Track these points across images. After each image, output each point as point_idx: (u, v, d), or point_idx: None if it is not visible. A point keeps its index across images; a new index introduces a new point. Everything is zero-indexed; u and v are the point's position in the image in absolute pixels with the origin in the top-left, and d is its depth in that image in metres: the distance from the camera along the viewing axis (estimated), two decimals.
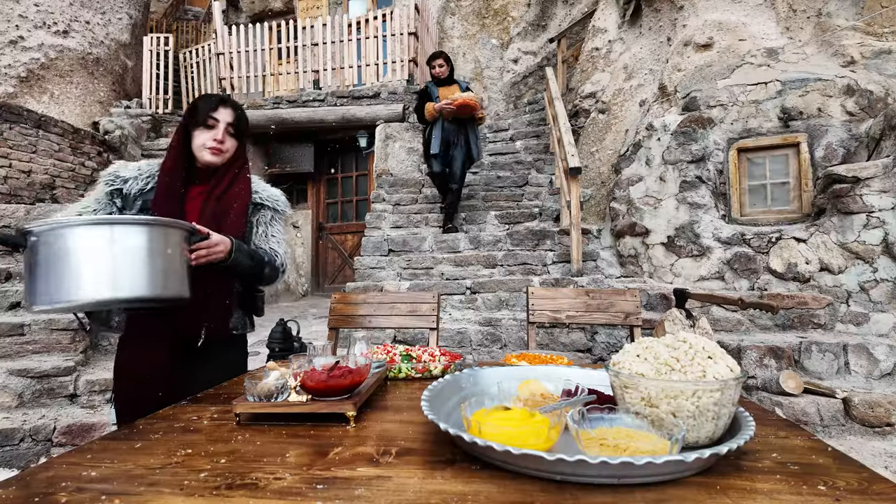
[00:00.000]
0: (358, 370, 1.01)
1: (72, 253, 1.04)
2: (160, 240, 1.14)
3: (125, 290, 1.08)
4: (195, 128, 1.44)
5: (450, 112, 4.43)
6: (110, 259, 1.06)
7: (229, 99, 1.50)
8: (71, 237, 1.05)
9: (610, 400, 0.90)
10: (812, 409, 2.76)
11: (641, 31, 5.69)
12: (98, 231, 1.07)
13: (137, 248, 1.09)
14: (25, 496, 0.65)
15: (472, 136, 4.66)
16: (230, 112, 1.47)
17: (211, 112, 1.44)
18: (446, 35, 9.19)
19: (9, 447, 2.75)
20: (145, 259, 1.10)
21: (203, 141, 1.43)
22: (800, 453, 0.78)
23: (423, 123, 4.76)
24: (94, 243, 1.06)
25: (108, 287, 1.06)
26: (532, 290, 2.22)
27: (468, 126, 4.63)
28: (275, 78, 7.23)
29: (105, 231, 1.07)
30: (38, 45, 6.70)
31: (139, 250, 1.09)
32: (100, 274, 1.05)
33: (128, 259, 1.08)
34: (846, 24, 4.28)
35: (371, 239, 4.99)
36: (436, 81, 4.68)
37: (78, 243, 1.04)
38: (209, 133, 1.44)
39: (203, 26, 11.40)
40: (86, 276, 1.04)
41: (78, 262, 1.04)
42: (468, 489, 0.65)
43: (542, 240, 4.61)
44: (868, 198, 3.52)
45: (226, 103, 1.48)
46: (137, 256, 1.09)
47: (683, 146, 4.42)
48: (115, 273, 1.07)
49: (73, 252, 1.04)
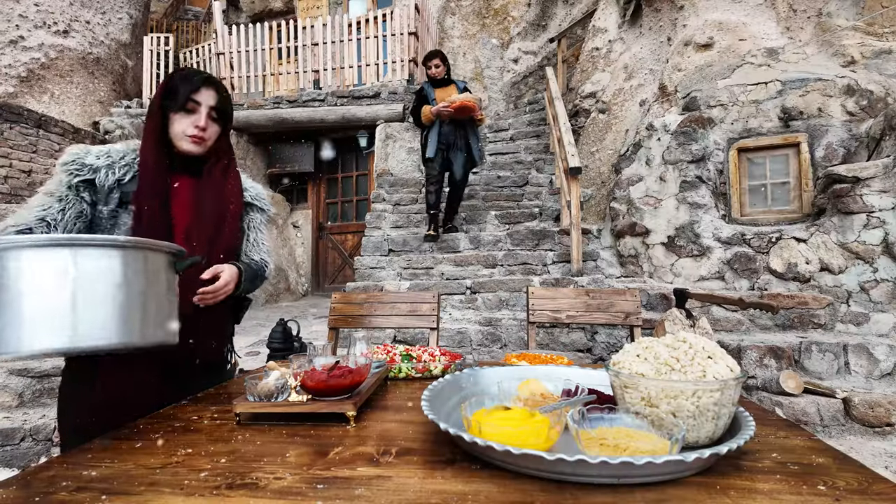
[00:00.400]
0: (358, 370, 1.01)
1: (16, 285, 0.79)
2: (138, 267, 0.89)
3: (89, 338, 0.82)
4: (173, 111, 1.23)
5: (447, 115, 4.26)
6: (69, 294, 0.80)
7: (213, 78, 1.29)
8: (14, 264, 0.79)
9: (610, 400, 0.90)
10: (812, 409, 2.76)
11: (642, 30, 5.69)
12: (52, 255, 0.81)
13: (106, 278, 0.84)
14: (26, 496, 0.65)
15: (473, 138, 4.47)
16: (213, 94, 1.26)
17: (192, 94, 1.23)
18: (446, 35, 9.19)
19: (9, 447, 2.75)
20: (117, 294, 0.84)
21: (182, 128, 1.23)
22: (800, 453, 0.78)
23: (419, 127, 4.56)
24: (46, 273, 0.80)
25: (66, 333, 0.80)
26: (532, 290, 2.22)
27: (468, 128, 4.45)
28: (275, 78, 7.23)
29: (62, 256, 0.81)
30: (39, 45, 6.70)
31: (108, 282, 0.84)
32: (55, 315, 0.79)
33: (93, 294, 0.82)
34: (846, 24, 4.28)
35: (371, 239, 4.99)
36: (432, 82, 4.50)
37: (24, 273, 0.79)
38: (189, 118, 1.23)
39: (203, 26, 11.41)
40: (36, 317, 0.79)
41: (24, 298, 0.78)
42: (468, 489, 0.65)
43: (542, 240, 4.61)
44: (868, 198, 3.51)
45: (209, 83, 1.26)
46: (106, 291, 0.84)
47: (684, 146, 4.42)
48: (75, 314, 0.80)
49: (18, 284, 0.79)
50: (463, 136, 4.45)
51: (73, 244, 0.83)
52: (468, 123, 4.44)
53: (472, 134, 4.48)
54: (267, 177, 7.57)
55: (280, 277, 7.05)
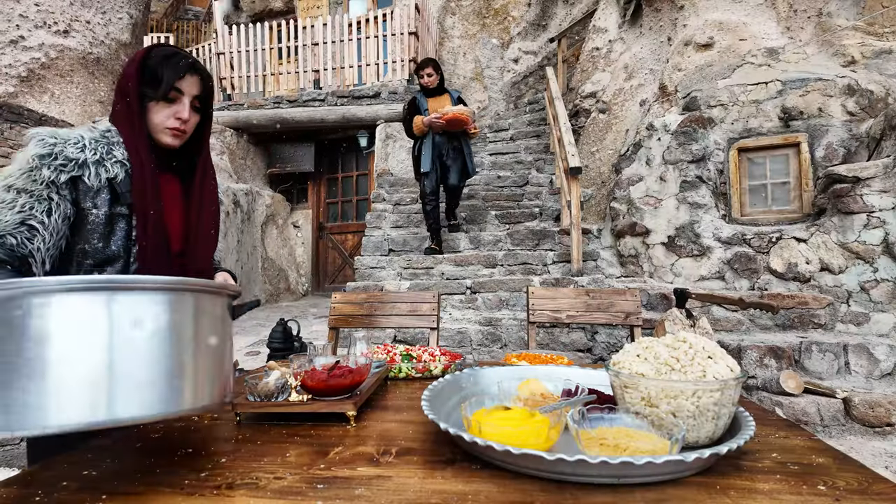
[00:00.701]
0: (358, 370, 1.01)
1: (39, 343, 0.59)
2: (193, 315, 0.71)
3: (129, 409, 0.63)
4: (153, 100, 1.09)
5: (439, 126, 4.11)
6: (108, 355, 0.62)
7: (198, 64, 1.15)
8: (38, 314, 0.60)
9: (610, 400, 0.90)
10: (812, 409, 2.76)
11: (642, 30, 5.69)
12: (87, 303, 0.62)
13: (155, 332, 0.66)
14: (26, 495, 0.65)
15: (466, 149, 4.33)
16: (198, 81, 1.13)
17: (177, 82, 1.09)
18: (447, 35, 9.19)
19: (10, 446, 2.75)
20: (168, 352, 0.67)
21: (162, 119, 1.10)
22: (800, 453, 0.78)
23: (411, 138, 4.39)
24: (79, 327, 0.61)
25: (103, 405, 0.61)
26: (532, 290, 2.22)
27: (461, 139, 4.30)
28: (275, 78, 7.23)
29: (99, 303, 0.62)
30: (39, 45, 6.70)
31: (157, 337, 0.66)
32: (89, 383, 0.61)
33: (137, 353, 0.64)
34: (847, 23, 4.28)
35: (371, 238, 5.00)
36: (425, 92, 4.31)
37: (52, 326, 0.60)
38: (170, 109, 1.10)
39: (203, 26, 11.41)
40: (66, 386, 0.60)
41: (51, 360, 0.60)
42: (468, 489, 0.65)
43: (542, 239, 4.61)
44: (868, 198, 3.51)
45: (194, 70, 1.12)
46: (155, 348, 0.66)
47: (684, 146, 4.42)
48: (114, 380, 0.62)
49: (44, 341, 0.60)
50: (457, 148, 4.30)
51: (112, 287, 0.64)
52: (461, 135, 4.29)
53: (466, 146, 4.34)
54: (267, 176, 7.57)
55: (280, 277, 7.05)
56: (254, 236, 6.47)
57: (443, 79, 4.35)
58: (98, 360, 0.62)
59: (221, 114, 6.79)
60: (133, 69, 1.09)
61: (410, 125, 4.25)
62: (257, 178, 7.30)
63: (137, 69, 1.08)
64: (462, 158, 4.32)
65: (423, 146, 4.24)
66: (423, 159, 4.22)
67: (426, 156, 4.20)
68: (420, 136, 4.27)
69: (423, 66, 4.29)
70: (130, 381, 0.63)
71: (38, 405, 0.59)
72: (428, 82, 4.27)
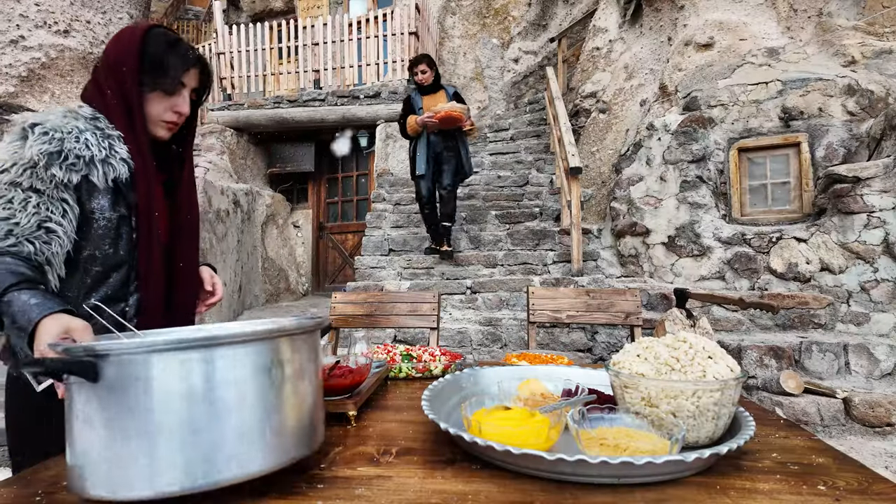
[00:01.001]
0: (358, 370, 1.01)
1: (144, 405, 0.57)
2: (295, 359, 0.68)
3: (233, 468, 0.59)
4: (154, 89, 1.01)
5: (433, 126, 3.91)
6: (212, 415, 0.59)
7: (202, 56, 1.09)
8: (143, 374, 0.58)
9: (610, 400, 0.90)
10: (812, 409, 2.76)
11: (642, 30, 5.69)
12: (187, 360, 0.59)
13: (259, 386, 0.62)
14: (27, 495, 0.65)
15: (463, 148, 4.12)
16: (197, 73, 1.08)
17: (183, 75, 1.04)
18: (447, 34, 9.19)
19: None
20: (276, 404, 0.64)
21: (159, 112, 1.03)
22: (800, 453, 0.78)
23: (406, 138, 4.18)
24: (182, 385, 0.58)
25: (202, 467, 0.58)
26: (532, 290, 2.22)
27: (458, 138, 4.09)
28: (275, 77, 7.23)
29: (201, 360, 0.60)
30: (39, 45, 6.70)
31: (264, 391, 0.63)
32: (193, 444, 0.58)
33: (243, 411, 0.61)
34: (847, 23, 4.28)
35: (371, 238, 5.00)
36: (420, 89, 4.12)
37: (156, 387, 0.58)
38: (169, 101, 1.03)
39: (203, 26, 11.41)
40: (168, 449, 0.57)
41: (155, 422, 0.57)
42: (468, 489, 0.65)
43: (542, 239, 4.61)
44: (869, 198, 3.51)
45: (199, 61, 1.07)
46: (260, 403, 0.62)
47: (684, 146, 4.42)
48: (222, 440, 0.59)
49: (147, 404, 0.57)
50: (452, 148, 4.10)
51: (210, 345, 0.60)
52: (458, 133, 4.09)
53: (462, 145, 4.14)
54: (267, 176, 7.57)
55: (280, 277, 7.05)
56: (254, 236, 6.46)
57: (438, 75, 4.16)
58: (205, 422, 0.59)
59: (222, 114, 6.79)
60: (132, 53, 0.99)
61: (405, 125, 4.07)
62: (257, 178, 7.29)
63: (138, 56, 0.99)
64: (457, 158, 4.13)
65: (418, 146, 4.06)
66: (417, 160, 4.05)
67: (420, 157, 4.03)
68: (415, 136, 4.07)
69: (417, 63, 4.11)
70: (236, 440, 0.60)
71: (143, 471, 0.57)
72: (422, 80, 4.08)
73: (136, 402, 0.57)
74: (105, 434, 0.58)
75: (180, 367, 0.59)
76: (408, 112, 4.08)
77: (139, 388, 0.58)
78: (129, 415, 0.57)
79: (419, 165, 4.03)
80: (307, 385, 0.70)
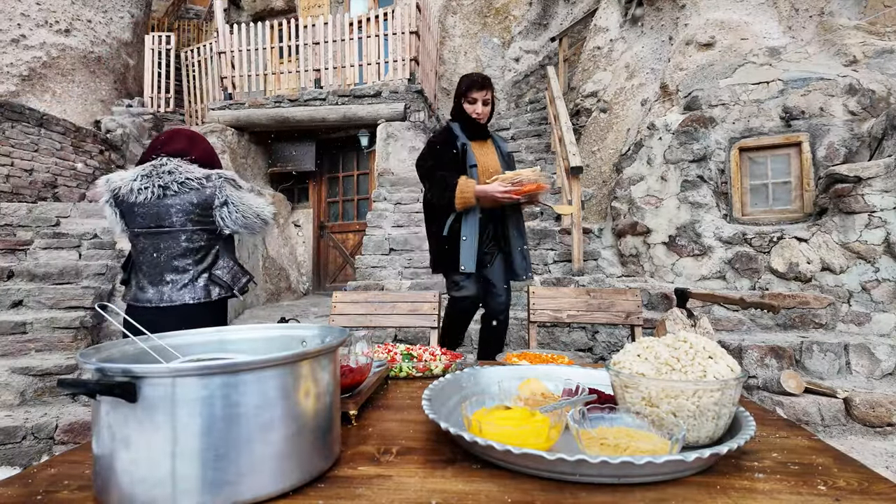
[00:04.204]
0: (359, 369, 1.01)
1: (182, 422, 0.59)
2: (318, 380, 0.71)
3: (264, 485, 0.62)
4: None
5: (506, 202, 2.28)
6: (241, 432, 0.61)
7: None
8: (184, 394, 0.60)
9: (610, 399, 0.90)
10: (813, 409, 2.76)
11: (643, 30, 5.68)
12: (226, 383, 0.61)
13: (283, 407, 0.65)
14: (28, 494, 0.65)
15: (517, 236, 2.45)
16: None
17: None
18: (448, 34, 9.18)
19: (11, 445, 2.76)
20: (300, 422, 0.67)
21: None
22: (800, 453, 0.78)
23: (438, 203, 2.32)
24: (218, 404, 0.61)
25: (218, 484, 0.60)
26: (533, 290, 2.22)
27: (518, 214, 2.49)
28: (276, 77, 7.22)
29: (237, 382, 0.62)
30: (40, 44, 6.71)
31: (275, 409, 0.64)
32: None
33: (267, 432, 0.63)
34: (848, 23, 4.27)
35: (372, 238, 5.00)
36: (466, 126, 2.42)
37: (188, 405, 0.60)
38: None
39: (204, 25, 11.41)
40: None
41: (188, 440, 0.59)
42: (469, 488, 0.65)
43: (543, 239, 4.60)
44: (870, 197, 3.51)
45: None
46: (279, 421, 0.65)
47: (685, 145, 4.41)
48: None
49: (182, 421, 0.59)
50: (503, 235, 2.45)
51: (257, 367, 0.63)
52: (512, 209, 2.44)
53: (515, 229, 2.45)
54: (268, 176, 7.57)
55: (281, 276, 7.05)
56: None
57: (492, 112, 2.50)
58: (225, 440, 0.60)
59: (222, 113, 6.79)
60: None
61: (434, 176, 2.33)
62: (258, 178, 7.30)
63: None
64: (509, 255, 2.43)
65: (465, 223, 2.31)
66: (463, 249, 2.29)
67: (469, 245, 2.29)
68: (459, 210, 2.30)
69: (479, 87, 2.37)
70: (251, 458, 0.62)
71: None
72: (480, 115, 2.40)
73: (170, 422, 0.59)
74: (135, 453, 0.60)
75: (221, 389, 0.61)
76: (445, 158, 2.37)
77: (176, 409, 0.60)
78: (161, 435, 0.59)
79: (466, 258, 2.29)
80: (328, 398, 0.73)
